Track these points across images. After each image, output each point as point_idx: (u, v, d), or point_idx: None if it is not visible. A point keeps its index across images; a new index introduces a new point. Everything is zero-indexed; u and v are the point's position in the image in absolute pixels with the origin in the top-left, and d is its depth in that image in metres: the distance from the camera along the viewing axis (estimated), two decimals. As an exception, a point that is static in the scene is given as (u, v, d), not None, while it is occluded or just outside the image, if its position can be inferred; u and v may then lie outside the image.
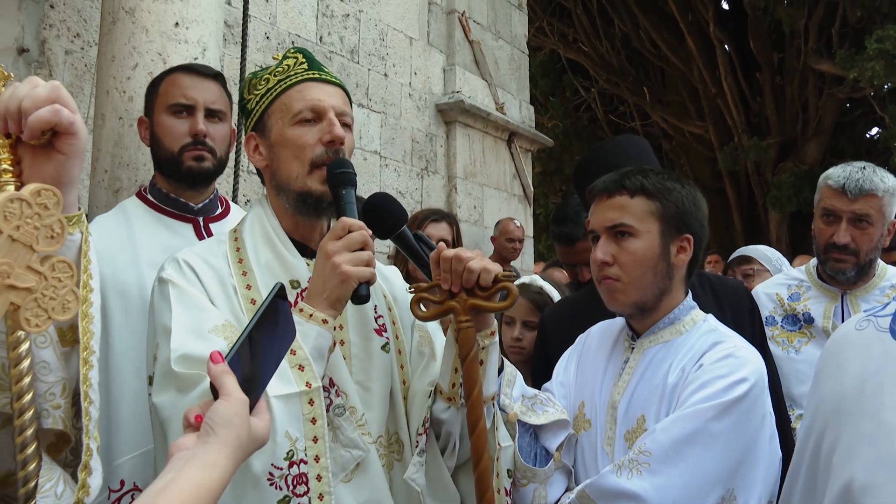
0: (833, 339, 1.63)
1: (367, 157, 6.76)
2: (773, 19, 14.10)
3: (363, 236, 1.74)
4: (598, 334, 2.31)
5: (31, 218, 1.12)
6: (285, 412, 1.58)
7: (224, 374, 1.18)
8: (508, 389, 2.05)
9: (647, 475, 1.83)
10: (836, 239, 2.95)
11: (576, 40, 17.66)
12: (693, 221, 2.09)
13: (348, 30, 6.77)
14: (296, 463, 1.57)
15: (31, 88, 1.28)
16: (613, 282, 2.08)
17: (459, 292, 1.80)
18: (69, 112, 1.29)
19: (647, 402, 2.02)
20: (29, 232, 1.11)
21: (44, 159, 1.29)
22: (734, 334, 2.09)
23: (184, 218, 2.57)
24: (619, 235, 2.07)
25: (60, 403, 1.31)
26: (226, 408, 1.15)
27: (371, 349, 1.91)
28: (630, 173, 2.11)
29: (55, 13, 4.58)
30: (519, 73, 8.95)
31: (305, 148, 1.86)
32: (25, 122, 1.26)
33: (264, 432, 1.23)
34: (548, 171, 17.65)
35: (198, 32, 3.10)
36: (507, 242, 7.28)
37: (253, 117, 1.96)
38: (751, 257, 4.57)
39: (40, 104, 1.26)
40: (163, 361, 1.65)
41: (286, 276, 1.86)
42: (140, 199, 2.61)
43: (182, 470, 1.06)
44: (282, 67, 1.95)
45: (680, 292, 2.13)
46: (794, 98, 14.84)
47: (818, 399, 1.57)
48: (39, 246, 1.13)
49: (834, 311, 3.06)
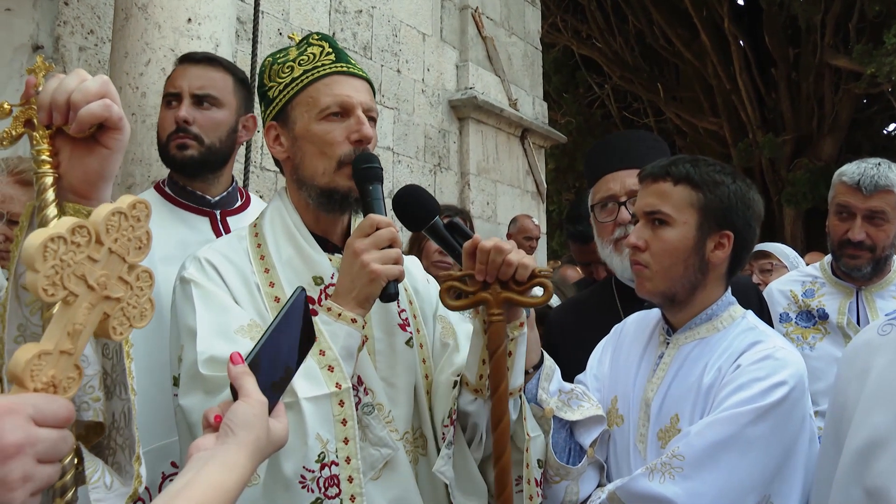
0: (853, 346, 1.59)
1: (379, 154, 6.71)
2: (788, 14, 14.02)
3: (391, 233, 1.72)
4: (634, 326, 2.25)
5: (127, 230, 1.13)
6: (316, 414, 1.57)
7: (244, 376, 1.19)
8: (546, 384, 2.00)
9: (679, 480, 1.79)
10: (852, 236, 2.92)
11: (589, 36, 17.60)
12: (737, 218, 1.99)
13: (361, 26, 6.77)
14: (327, 465, 1.57)
15: (79, 82, 1.26)
16: (642, 268, 2.02)
17: (493, 284, 1.77)
18: (118, 108, 1.28)
19: (682, 401, 1.96)
20: (124, 244, 1.13)
21: (85, 152, 1.28)
22: (774, 333, 2.04)
23: (200, 211, 2.54)
24: (656, 223, 2.01)
25: (99, 396, 1.31)
26: (245, 409, 1.15)
27: (396, 345, 1.89)
28: (679, 160, 2.04)
29: (69, 10, 4.60)
30: (532, 69, 8.93)
31: (333, 145, 1.82)
32: (74, 114, 1.24)
33: (283, 434, 1.23)
34: (561, 167, 17.61)
35: (210, 28, 3.11)
36: (525, 241, 7.25)
37: (275, 106, 1.90)
38: (769, 252, 4.54)
39: (91, 98, 1.24)
40: (189, 364, 1.65)
41: (309, 272, 1.84)
42: (157, 191, 2.59)
43: (201, 470, 1.07)
44: (307, 56, 1.90)
45: (717, 289, 2.05)
46: (809, 94, 14.73)
47: (841, 406, 1.53)
48: (130, 257, 1.15)
49: (849, 307, 3.03)
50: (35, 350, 1.03)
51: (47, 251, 1.01)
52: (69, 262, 1.04)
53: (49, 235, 1.02)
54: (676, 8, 15.94)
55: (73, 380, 1.07)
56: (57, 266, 1.02)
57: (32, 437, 0.96)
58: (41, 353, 1.03)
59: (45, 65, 1.32)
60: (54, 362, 1.04)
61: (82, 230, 1.06)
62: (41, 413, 0.99)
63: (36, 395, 1.01)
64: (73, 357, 1.07)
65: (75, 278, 1.05)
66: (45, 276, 1.01)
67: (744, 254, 2.07)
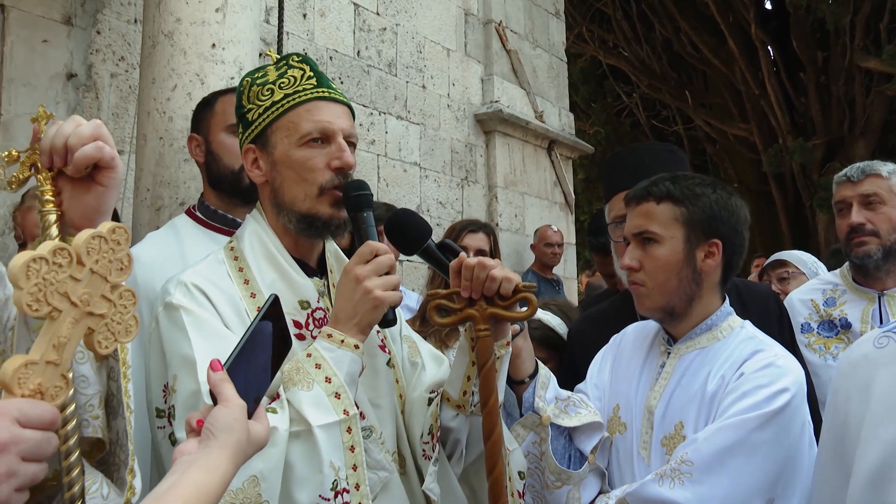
0: (849, 360, 1.57)
1: (406, 169, 6.83)
2: (815, 17, 13.86)
3: (391, 259, 1.74)
4: (633, 335, 2.32)
5: (107, 252, 1.24)
6: (328, 442, 1.59)
7: (223, 382, 1.25)
8: (542, 392, 2.06)
9: (689, 485, 1.84)
10: (851, 221, 2.97)
11: (616, 46, 17.56)
12: (723, 226, 2.08)
13: (385, 43, 6.86)
14: (340, 493, 1.58)
15: (75, 127, 1.39)
16: (639, 287, 2.11)
17: (479, 301, 1.81)
18: (110, 148, 1.41)
19: (686, 408, 2.03)
20: (105, 265, 1.24)
21: (84, 191, 1.42)
22: (773, 342, 2.09)
23: (229, 232, 2.58)
24: (646, 242, 2.09)
25: (99, 414, 1.41)
26: (225, 413, 1.21)
27: (378, 366, 1.91)
28: (659, 180, 2.12)
29: (101, 38, 4.74)
30: (558, 80, 8.96)
31: (314, 171, 1.81)
32: (71, 157, 1.37)
33: (263, 436, 1.29)
34: (590, 177, 17.55)
35: (234, 53, 3.19)
36: (546, 248, 7.28)
37: (254, 130, 1.89)
38: (786, 261, 4.52)
39: (85, 141, 1.37)
40: (188, 394, 1.63)
41: (294, 297, 1.83)
42: (189, 216, 2.68)
43: (185, 473, 1.12)
44: (287, 79, 1.87)
45: (714, 298, 2.13)
46: (840, 97, 14.53)
47: (842, 423, 1.50)
48: (112, 277, 1.25)
49: (872, 315, 3.01)
50: (22, 360, 1.13)
51: (30, 270, 1.13)
52: (52, 280, 1.15)
53: (32, 256, 1.13)
54: (703, 14, 15.85)
55: (60, 388, 1.17)
56: (40, 284, 1.14)
57: (17, 436, 1.06)
58: (28, 363, 1.14)
59: (47, 113, 1.46)
60: (41, 371, 1.14)
61: (63, 252, 1.18)
62: (26, 415, 1.09)
63: (22, 399, 1.11)
64: (59, 367, 1.17)
65: (58, 295, 1.17)
66: (29, 292, 1.12)
67: (735, 259, 2.13)
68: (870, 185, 2.96)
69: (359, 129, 6.29)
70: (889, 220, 2.94)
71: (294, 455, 1.57)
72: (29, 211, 3.56)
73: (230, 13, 3.20)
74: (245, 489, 1.50)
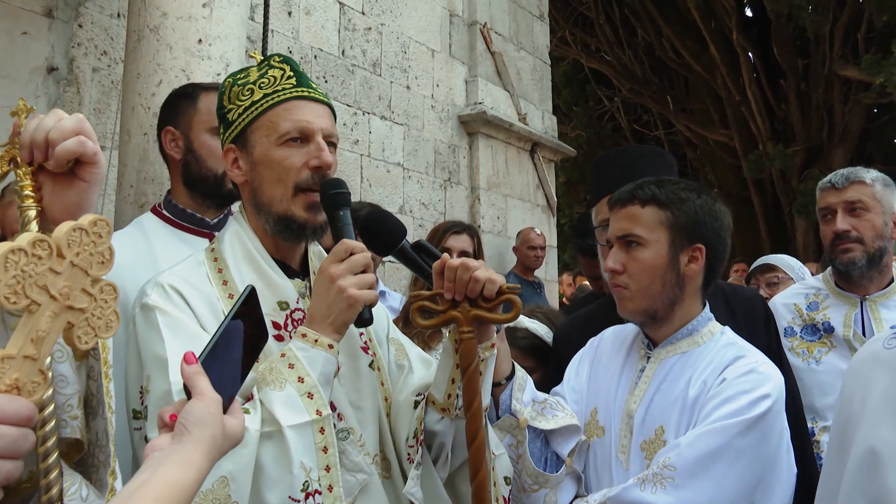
0: (859, 359, 1.59)
1: (390, 170, 6.80)
2: (796, 25, 14.01)
3: (366, 259, 1.72)
4: (611, 339, 2.31)
5: (88, 245, 1.20)
6: (299, 442, 1.57)
7: (197, 375, 1.20)
8: (520, 394, 2.04)
9: (671, 490, 1.84)
10: (835, 228, 2.99)
11: (598, 50, 17.65)
12: (706, 231, 2.08)
13: (370, 43, 6.83)
14: (311, 494, 1.56)
15: (56, 121, 1.35)
16: (622, 289, 2.10)
17: (462, 302, 1.80)
18: (92, 143, 1.37)
19: (667, 413, 2.02)
20: (86, 258, 1.20)
21: (66, 186, 1.38)
22: (754, 349, 2.10)
23: (199, 232, 2.57)
24: (629, 245, 2.09)
25: (77, 414, 1.37)
26: (200, 407, 1.16)
27: (360, 368, 1.89)
28: (644, 184, 2.12)
29: (83, 32, 4.68)
30: (541, 83, 8.97)
31: (291, 170, 1.80)
32: (52, 151, 1.33)
33: (239, 430, 1.24)
34: (572, 180, 17.62)
35: (220, 49, 3.16)
36: (529, 251, 7.29)
37: (234, 129, 1.87)
38: (774, 265, 4.55)
39: (67, 135, 1.34)
40: (160, 395, 1.61)
41: (274, 297, 1.81)
42: (155, 214, 2.62)
43: (157, 469, 1.07)
44: (267, 79, 1.86)
45: (695, 303, 2.13)
46: (819, 104, 14.70)
47: (845, 419, 1.53)
48: (93, 271, 1.22)
49: (854, 319, 3.02)
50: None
51: (8, 262, 1.09)
52: (31, 272, 1.11)
53: (10, 248, 1.09)
54: (685, 20, 15.97)
55: (37, 384, 1.13)
56: (18, 276, 1.10)
57: None
58: (4, 357, 1.10)
59: (27, 107, 1.42)
60: (18, 366, 1.10)
61: (42, 244, 1.13)
62: (2, 411, 1.05)
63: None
64: (37, 362, 1.13)
65: (37, 288, 1.13)
66: (7, 284, 1.08)
67: (717, 265, 2.14)
68: (854, 192, 2.98)
69: (342, 129, 6.28)
70: (873, 226, 2.96)
71: (265, 456, 1.55)
72: (9, 206, 3.50)
73: (217, 8, 3.17)
74: (215, 490, 1.48)
